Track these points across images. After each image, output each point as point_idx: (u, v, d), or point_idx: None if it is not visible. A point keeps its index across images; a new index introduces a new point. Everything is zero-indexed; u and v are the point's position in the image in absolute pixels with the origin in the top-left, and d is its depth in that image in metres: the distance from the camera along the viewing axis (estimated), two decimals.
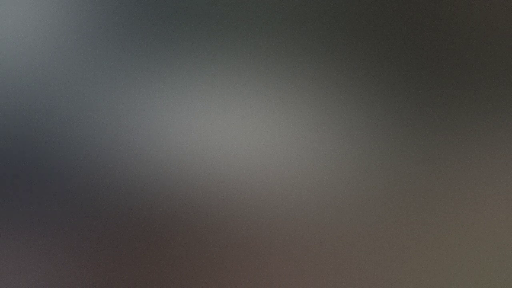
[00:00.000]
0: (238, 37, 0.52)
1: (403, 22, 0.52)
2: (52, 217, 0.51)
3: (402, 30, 0.52)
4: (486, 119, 0.53)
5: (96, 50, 0.52)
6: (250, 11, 0.52)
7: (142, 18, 0.52)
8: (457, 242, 0.53)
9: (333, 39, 0.52)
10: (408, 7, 0.52)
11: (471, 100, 0.53)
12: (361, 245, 0.52)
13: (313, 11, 0.52)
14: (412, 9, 0.52)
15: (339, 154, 0.52)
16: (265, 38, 0.52)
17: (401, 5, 0.52)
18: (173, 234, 0.52)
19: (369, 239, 0.52)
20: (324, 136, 0.52)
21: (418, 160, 0.53)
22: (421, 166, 0.53)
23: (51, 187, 0.51)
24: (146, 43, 0.52)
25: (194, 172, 0.52)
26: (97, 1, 0.52)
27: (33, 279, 0.52)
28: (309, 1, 0.52)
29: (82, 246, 0.52)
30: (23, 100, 0.51)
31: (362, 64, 0.52)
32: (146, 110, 0.52)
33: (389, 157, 0.52)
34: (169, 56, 0.52)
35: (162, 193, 0.51)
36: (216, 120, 0.52)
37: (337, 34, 0.52)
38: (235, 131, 0.52)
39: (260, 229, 0.52)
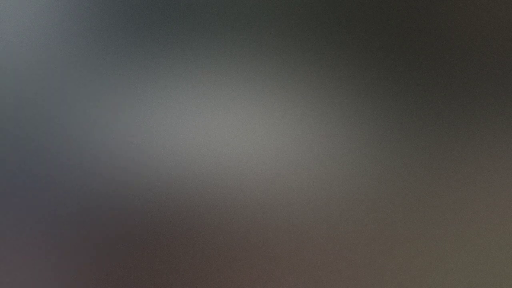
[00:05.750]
0: (240, 36, 0.52)
1: (404, 22, 0.52)
2: (52, 218, 0.51)
3: (403, 30, 0.52)
4: (487, 118, 0.53)
5: (97, 50, 0.52)
6: (252, 10, 0.52)
7: (143, 18, 0.52)
8: (458, 242, 0.53)
9: (335, 39, 0.52)
10: (409, 6, 0.52)
11: (472, 100, 0.53)
12: (365, 246, 0.52)
13: (314, 11, 0.52)
14: (414, 9, 0.52)
15: (342, 154, 0.52)
16: (269, 38, 0.52)
17: (402, 5, 0.52)
18: (173, 235, 0.52)
19: (372, 240, 0.52)
20: (326, 137, 0.52)
21: (421, 161, 0.53)
22: (424, 167, 0.53)
23: (52, 187, 0.51)
24: (147, 43, 0.52)
25: (195, 172, 0.52)
26: (97, 1, 0.52)
27: (33, 279, 0.52)
28: (309, 1, 0.52)
29: (82, 247, 0.52)
30: (23, 101, 0.51)
31: (364, 64, 0.52)
32: (147, 110, 0.52)
33: (391, 158, 0.52)
34: (170, 56, 0.52)
35: (164, 195, 0.51)
36: (217, 121, 0.52)
37: (339, 34, 0.52)
38: (236, 132, 0.52)
39: (261, 229, 0.52)
